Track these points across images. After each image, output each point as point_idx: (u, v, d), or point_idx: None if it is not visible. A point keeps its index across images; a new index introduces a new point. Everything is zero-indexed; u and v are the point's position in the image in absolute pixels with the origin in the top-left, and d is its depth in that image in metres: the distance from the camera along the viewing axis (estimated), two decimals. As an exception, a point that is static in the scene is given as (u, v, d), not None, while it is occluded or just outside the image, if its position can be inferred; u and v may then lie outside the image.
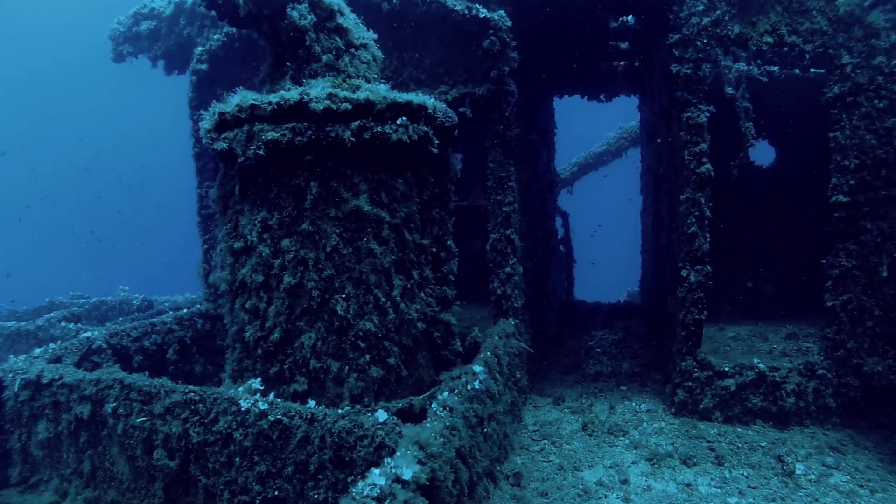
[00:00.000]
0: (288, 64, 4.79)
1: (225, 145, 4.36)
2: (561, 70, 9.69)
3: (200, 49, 7.83)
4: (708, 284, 6.14)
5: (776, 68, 9.08)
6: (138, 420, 4.65)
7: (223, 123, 4.44)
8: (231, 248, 4.59)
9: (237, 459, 4.21)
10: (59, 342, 6.43)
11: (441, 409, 3.89)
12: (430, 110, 4.47)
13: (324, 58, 4.65)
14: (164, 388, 4.58)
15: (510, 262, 6.79)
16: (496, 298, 6.82)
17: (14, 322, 10.41)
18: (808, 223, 8.84)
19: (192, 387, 4.50)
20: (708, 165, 6.09)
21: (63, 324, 9.78)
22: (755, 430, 5.91)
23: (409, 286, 4.49)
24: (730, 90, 8.35)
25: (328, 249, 4.21)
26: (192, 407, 4.41)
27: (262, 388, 4.44)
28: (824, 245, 6.15)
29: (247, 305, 4.54)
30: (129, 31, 8.52)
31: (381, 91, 4.25)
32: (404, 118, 4.26)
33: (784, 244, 9.11)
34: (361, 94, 4.14)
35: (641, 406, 6.82)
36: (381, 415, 3.72)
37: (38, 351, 6.00)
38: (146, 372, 7.20)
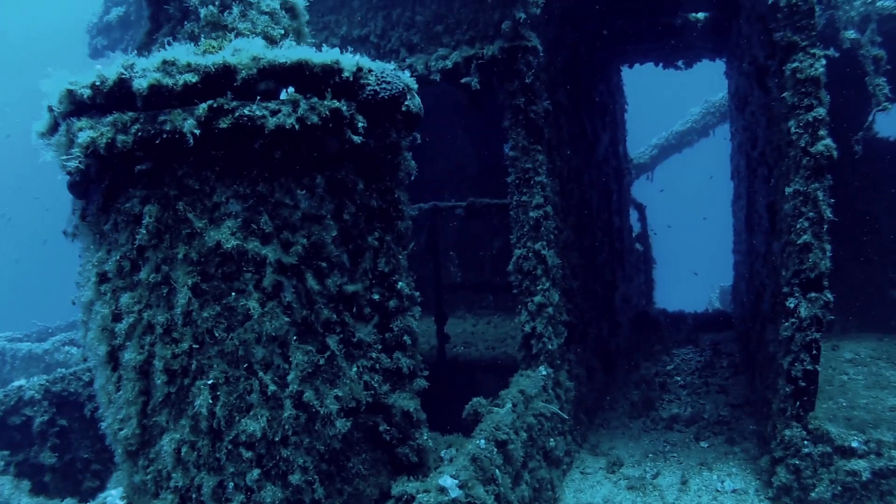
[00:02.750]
0: (164, 28, 3.29)
1: (50, 156, 2.90)
2: (624, 28, 7.62)
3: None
4: (827, 320, 4.12)
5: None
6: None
7: (55, 124, 2.98)
8: (81, 302, 3.16)
9: None
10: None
11: None
12: (346, 74, 2.78)
13: (202, 12, 3.08)
14: None
15: (540, 287, 5.04)
16: (524, 337, 5.14)
17: (27, 344, 9.74)
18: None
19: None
20: (827, 141, 4.06)
21: (66, 348, 8.95)
22: (907, 547, 3.88)
23: (321, 362, 2.84)
24: (851, 34, 6.10)
25: (179, 310, 2.65)
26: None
27: (122, 503, 3.00)
28: None
29: (97, 384, 3.10)
30: (101, 22, 7.41)
31: (253, 48, 2.61)
32: (291, 89, 2.61)
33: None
34: (214, 58, 2.52)
35: (725, 482, 4.88)
36: None
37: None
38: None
